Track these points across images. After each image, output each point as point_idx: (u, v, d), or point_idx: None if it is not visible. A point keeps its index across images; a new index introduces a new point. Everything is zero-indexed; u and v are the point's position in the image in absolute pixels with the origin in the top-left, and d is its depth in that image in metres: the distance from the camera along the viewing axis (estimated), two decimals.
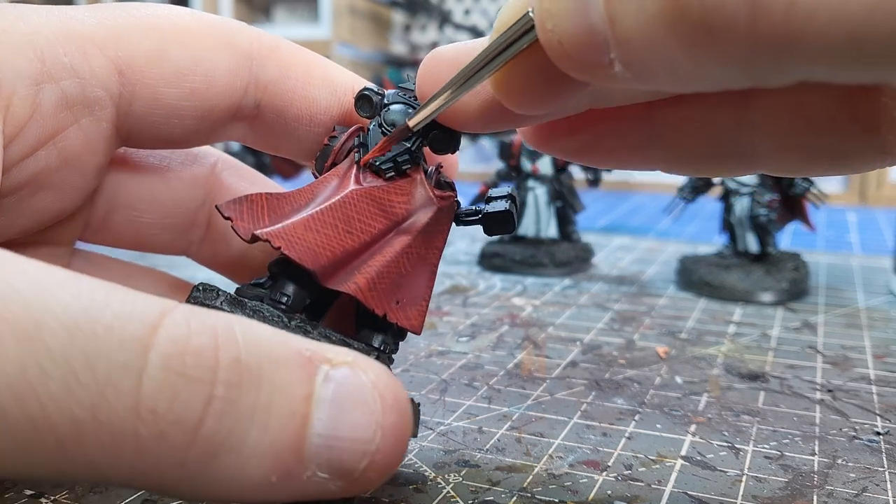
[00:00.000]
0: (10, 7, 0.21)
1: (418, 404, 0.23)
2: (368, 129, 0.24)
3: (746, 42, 0.13)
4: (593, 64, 0.15)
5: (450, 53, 0.21)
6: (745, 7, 0.12)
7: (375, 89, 0.24)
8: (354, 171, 0.23)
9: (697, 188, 0.55)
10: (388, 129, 0.23)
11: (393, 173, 0.23)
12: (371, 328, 0.23)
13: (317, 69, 0.25)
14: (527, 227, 0.58)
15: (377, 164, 0.23)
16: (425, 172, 0.24)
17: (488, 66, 0.18)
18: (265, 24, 2.40)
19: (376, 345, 0.23)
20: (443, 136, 0.23)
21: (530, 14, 0.17)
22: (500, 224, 0.24)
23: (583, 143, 0.23)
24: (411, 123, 0.21)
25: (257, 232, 0.22)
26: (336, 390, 0.18)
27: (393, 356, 0.24)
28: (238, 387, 0.17)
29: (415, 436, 0.23)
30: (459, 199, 0.25)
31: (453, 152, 0.24)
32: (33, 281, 0.16)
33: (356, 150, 0.24)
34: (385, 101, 0.24)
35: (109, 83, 0.22)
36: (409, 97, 0.23)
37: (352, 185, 0.23)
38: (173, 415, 0.16)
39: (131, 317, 0.17)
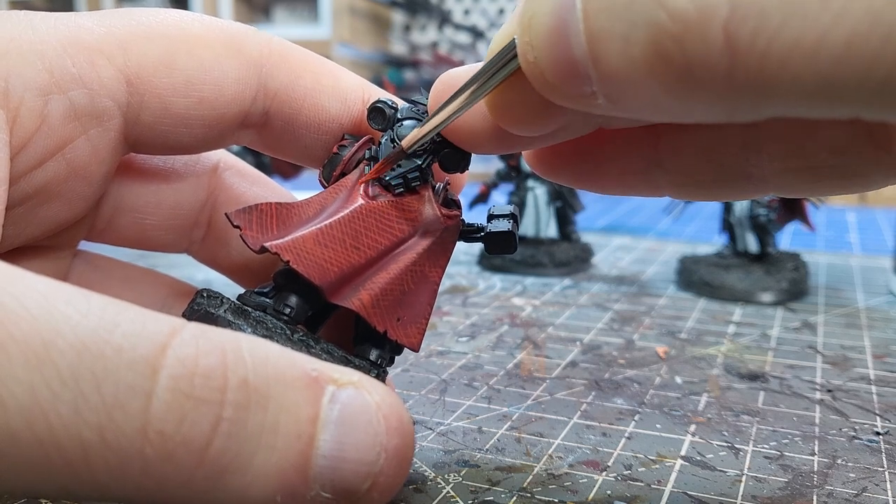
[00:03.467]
0: (18, 15, 0.21)
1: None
2: (380, 143, 0.23)
3: (725, 86, 0.14)
4: (576, 94, 0.16)
5: (462, 76, 0.21)
6: (724, 57, 0.13)
7: (389, 102, 0.24)
8: (364, 183, 0.23)
9: None
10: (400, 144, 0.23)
11: (402, 189, 0.23)
12: (370, 343, 0.23)
13: (327, 77, 0.25)
14: (527, 227, 0.58)
15: (387, 179, 0.23)
16: (433, 189, 0.24)
17: (479, 89, 0.19)
18: (265, 24, 2.40)
19: (373, 358, 0.23)
20: (454, 154, 0.23)
21: (515, 41, 0.17)
22: (502, 244, 0.25)
23: (587, 168, 0.23)
24: (405, 145, 0.22)
25: (267, 244, 0.22)
26: (341, 412, 0.18)
27: (387, 370, 0.24)
28: (246, 408, 0.17)
29: None
30: (459, 198, 0.25)
31: (463, 171, 0.24)
32: (42, 299, 0.16)
33: (366, 162, 0.24)
34: (399, 115, 0.23)
35: (118, 93, 0.22)
36: (422, 111, 0.23)
37: (360, 200, 0.23)
38: (181, 436, 0.16)
39: (141, 336, 0.17)
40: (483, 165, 0.91)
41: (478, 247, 0.59)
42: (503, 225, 0.24)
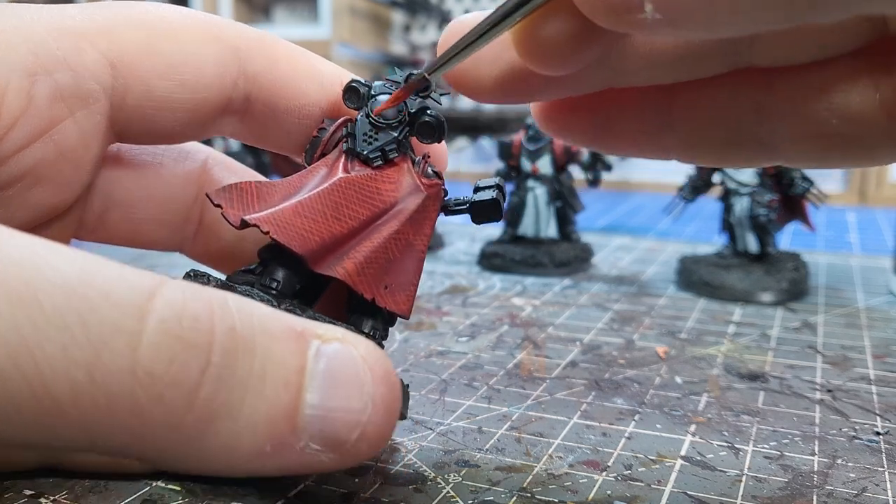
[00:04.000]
0: (3, 4, 0.22)
1: (406, 385, 0.24)
2: (356, 120, 0.24)
3: None
4: (623, 7, 0.14)
5: (472, 22, 0.21)
6: None
7: (363, 81, 0.24)
8: (343, 160, 0.24)
9: (697, 188, 0.55)
10: (375, 119, 0.23)
11: (380, 161, 0.23)
12: (361, 314, 0.23)
13: (303, 63, 0.25)
14: (526, 227, 0.58)
15: (364, 153, 0.23)
16: (413, 162, 0.24)
17: (509, 18, 0.18)
18: (265, 24, 2.40)
19: (366, 330, 0.23)
20: (428, 124, 0.23)
21: None
22: (487, 212, 0.25)
23: (598, 125, 0.22)
24: (428, 73, 0.21)
25: (246, 217, 0.22)
26: (328, 363, 0.18)
27: (383, 343, 0.24)
28: (234, 354, 0.17)
29: (403, 418, 0.23)
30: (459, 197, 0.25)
31: (439, 141, 0.24)
32: (26, 248, 0.17)
33: (344, 139, 0.24)
34: (372, 92, 0.24)
35: (102, 76, 0.22)
36: (395, 88, 0.24)
37: (340, 174, 0.23)
38: (171, 378, 0.16)
39: (128, 283, 0.17)
40: (483, 165, 0.91)
41: (478, 247, 0.59)
42: (488, 195, 0.25)
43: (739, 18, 0.14)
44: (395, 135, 0.23)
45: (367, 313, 0.23)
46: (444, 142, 0.25)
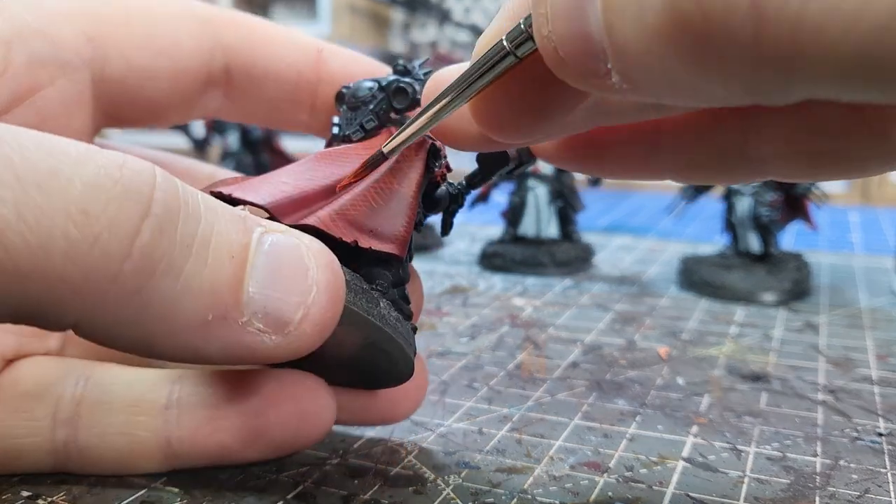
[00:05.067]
0: None
1: (415, 328, 0.24)
2: (341, 112, 0.25)
3: (749, 57, 0.12)
4: (590, 72, 0.15)
5: (454, 74, 0.21)
6: (750, 21, 0.12)
7: (345, 86, 0.26)
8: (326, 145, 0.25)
9: (699, 188, 0.54)
10: (351, 102, 0.25)
11: (361, 134, 0.24)
12: (369, 268, 0.23)
13: (278, 30, 0.26)
14: (527, 227, 0.57)
15: (347, 133, 0.24)
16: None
17: (463, 93, 0.18)
18: None
19: (372, 285, 0.22)
20: (401, 88, 0.25)
21: (503, 42, 0.17)
22: (496, 157, 0.25)
23: (588, 155, 0.22)
24: (385, 149, 0.21)
25: (213, 190, 0.22)
26: (272, 246, 0.19)
27: (411, 321, 0.24)
28: (176, 212, 0.17)
29: (412, 358, 0.23)
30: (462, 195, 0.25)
31: (414, 107, 0.25)
32: None
33: (333, 126, 0.25)
34: (351, 87, 0.25)
35: (80, 48, 0.23)
36: (377, 87, 0.25)
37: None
38: (107, 219, 0.16)
39: (66, 141, 0.17)
40: None
41: (478, 247, 0.59)
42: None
43: (700, 96, 0.14)
44: (371, 107, 0.24)
45: (371, 265, 0.23)
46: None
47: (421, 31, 2.49)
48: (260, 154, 0.73)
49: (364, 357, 0.23)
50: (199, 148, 0.78)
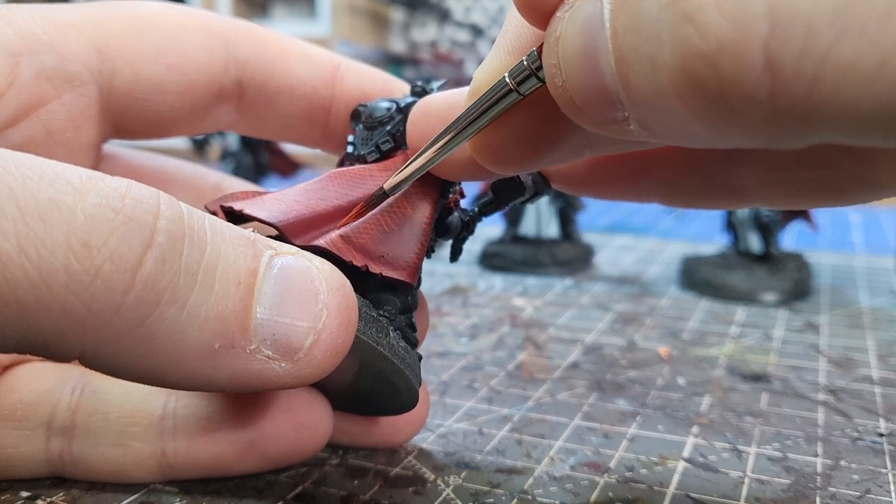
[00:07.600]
0: None
1: (420, 356, 0.23)
2: (356, 130, 0.25)
3: (766, 115, 0.12)
4: (609, 120, 0.14)
5: (440, 105, 0.21)
6: (766, 82, 0.12)
7: (366, 104, 0.25)
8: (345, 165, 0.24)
9: None
10: (368, 122, 0.24)
11: (376, 155, 0.24)
12: (377, 293, 0.22)
13: (292, 43, 0.26)
14: (527, 227, 0.57)
15: (361, 153, 0.24)
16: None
17: (465, 130, 0.18)
18: (263, 21, 2.40)
19: (380, 312, 0.22)
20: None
21: (506, 79, 0.16)
22: (511, 188, 0.24)
23: (577, 178, 0.23)
24: (387, 187, 0.21)
25: (223, 204, 0.22)
26: (282, 269, 0.18)
27: (415, 344, 0.23)
28: (181, 240, 0.17)
29: (417, 389, 0.23)
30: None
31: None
32: None
33: (347, 144, 0.25)
34: (367, 106, 0.25)
35: (89, 60, 0.23)
36: (395, 108, 0.24)
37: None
38: (109, 250, 0.16)
39: (69, 169, 0.16)
40: None
41: (478, 247, 0.59)
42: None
43: (719, 143, 0.14)
44: (388, 128, 0.24)
45: (380, 290, 0.22)
46: None
47: (421, 31, 2.49)
48: (259, 154, 0.73)
49: (367, 386, 0.23)
50: (199, 147, 0.78)
